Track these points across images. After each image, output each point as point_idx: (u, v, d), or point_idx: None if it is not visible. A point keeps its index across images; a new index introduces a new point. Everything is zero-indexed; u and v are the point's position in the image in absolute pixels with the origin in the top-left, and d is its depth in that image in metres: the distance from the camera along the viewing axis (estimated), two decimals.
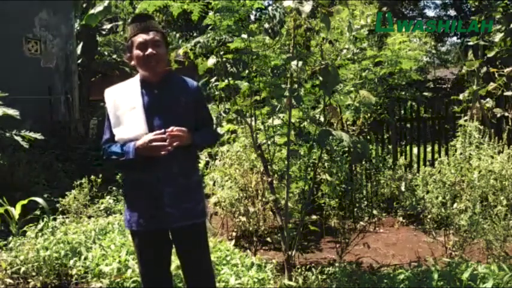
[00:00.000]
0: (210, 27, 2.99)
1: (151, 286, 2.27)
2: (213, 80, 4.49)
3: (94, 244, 3.62)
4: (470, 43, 5.92)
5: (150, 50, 2.14)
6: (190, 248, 2.27)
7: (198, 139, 2.22)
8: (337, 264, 3.42)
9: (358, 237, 3.80)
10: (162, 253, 2.28)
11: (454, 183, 3.53)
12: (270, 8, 3.02)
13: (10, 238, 3.81)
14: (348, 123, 4.00)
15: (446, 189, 3.52)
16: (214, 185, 4.32)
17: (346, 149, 3.47)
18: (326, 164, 3.64)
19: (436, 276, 2.74)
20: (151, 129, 2.13)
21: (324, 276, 3.23)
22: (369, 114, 3.90)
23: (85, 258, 3.39)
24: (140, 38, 2.16)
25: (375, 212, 4.12)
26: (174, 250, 2.34)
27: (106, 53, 12.93)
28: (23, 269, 3.40)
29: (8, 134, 5.41)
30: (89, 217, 4.49)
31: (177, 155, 2.11)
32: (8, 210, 4.05)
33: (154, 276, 2.27)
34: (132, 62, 2.23)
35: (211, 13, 2.88)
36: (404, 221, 5.12)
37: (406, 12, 21.22)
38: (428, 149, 6.44)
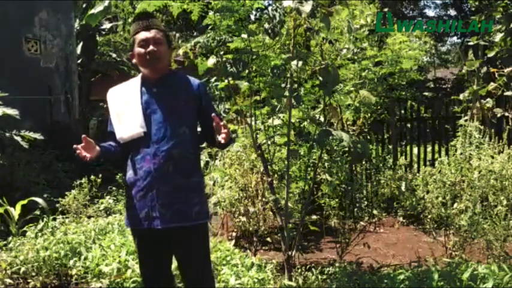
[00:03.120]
0: (210, 27, 2.98)
1: (150, 286, 2.27)
2: (213, 80, 4.50)
3: (94, 244, 3.62)
4: (470, 43, 5.92)
5: (151, 47, 2.14)
6: (184, 250, 2.22)
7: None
8: (337, 264, 3.41)
9: (358, 237, 3.79)
10: (161, 253, 2.25)
11: (454, 183, 3.53)
12: (270, 8, 3.02)
13: (10, 238, 3.81)
14: (348, 123, 3.99)
15: (447, 189, 3.52)
16: (214, 185, 4.31)
17: (346, 149, 3.46)
18: (326, 164, 3.63)
19: (436, 276, 2.74)
20: (149, 127, 2.13)
21: (324, 277, 3.22)
22: (369, 114, 3.90)
23: (85, 258, 3.39)
24: (142, 35, 2.18)
25: (375, 212, 4.11)
26: None
27: (106, 53, 12.92)
28: (22, 269, 3.40)
29: (8, 134, 5.41)
30: (89, 217, 4.48)
31: (172, 154, 2.10)
32: (7, 210, 4.05)
33: (153, 277, 2.25)
34: (134, 60, 2.23)
35: (211, 13, 2.88)
36: (404, 221, 5.12)
37: (406, 12, 21.20)
38: (429, 149, 6.43)
